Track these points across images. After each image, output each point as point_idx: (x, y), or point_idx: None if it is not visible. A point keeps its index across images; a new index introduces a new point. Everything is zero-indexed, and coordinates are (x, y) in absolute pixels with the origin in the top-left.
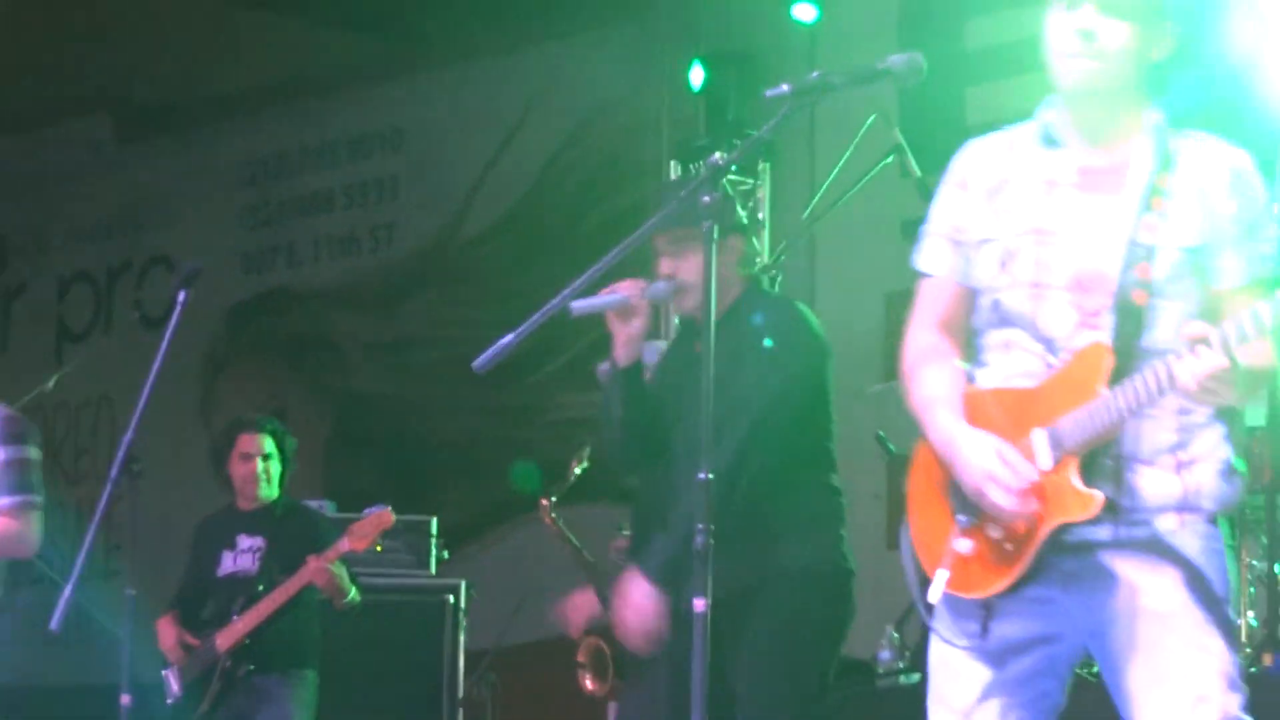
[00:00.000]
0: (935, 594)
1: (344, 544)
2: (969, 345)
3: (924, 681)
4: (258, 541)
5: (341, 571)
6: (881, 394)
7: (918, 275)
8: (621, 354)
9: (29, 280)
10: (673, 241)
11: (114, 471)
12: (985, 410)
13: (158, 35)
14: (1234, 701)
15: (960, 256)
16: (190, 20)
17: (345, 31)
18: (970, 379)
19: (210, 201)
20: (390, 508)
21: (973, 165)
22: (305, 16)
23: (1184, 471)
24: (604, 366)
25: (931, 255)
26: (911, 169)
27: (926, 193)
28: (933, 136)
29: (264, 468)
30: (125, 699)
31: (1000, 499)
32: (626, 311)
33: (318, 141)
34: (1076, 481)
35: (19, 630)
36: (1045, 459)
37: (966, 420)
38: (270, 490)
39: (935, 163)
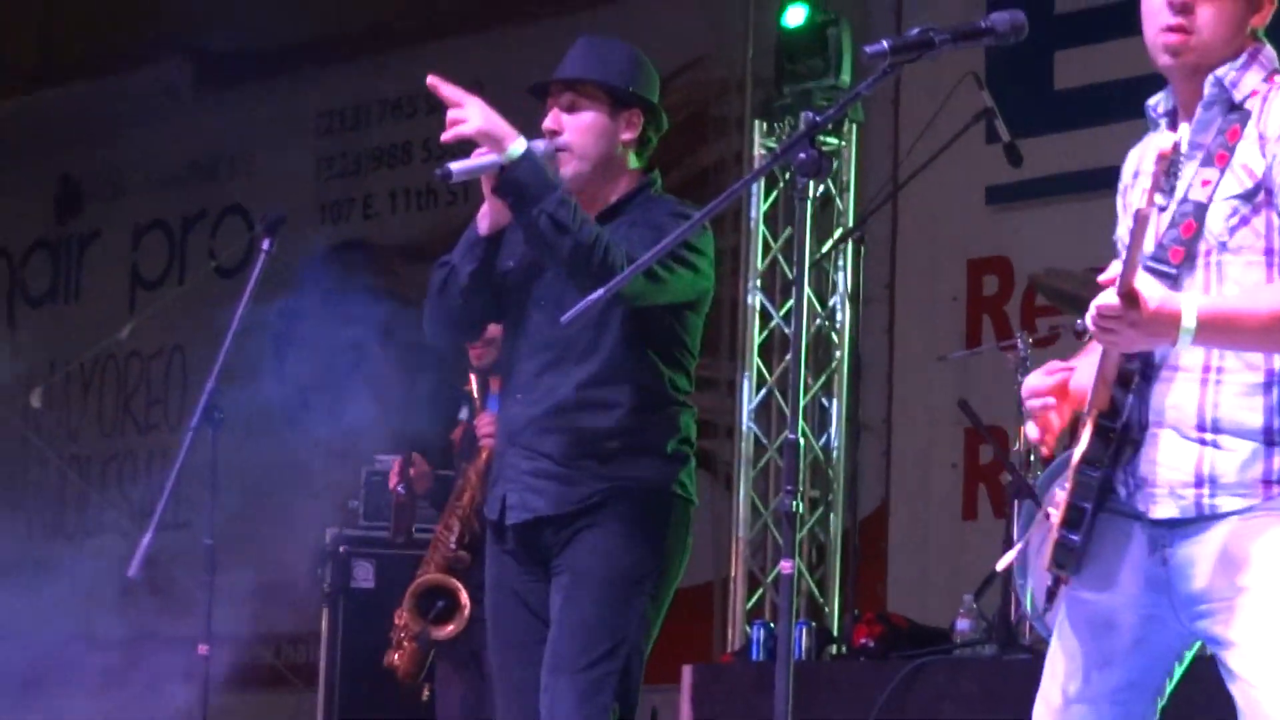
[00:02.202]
0: (1000, 564)
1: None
2: None
3: (1004, 652)
4: None
5: None
6: (963, 361)
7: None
8: (485, 220)
9: (103, 228)
10: (567, 88)
11: (194, 420)
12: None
13: None
14: None
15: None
16: None
17: None
18: None
19: (287, 152)
20: None
21: (1125, 166)
22: None
23: (1272, 443)
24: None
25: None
26: (1001, 133)
27: (1016, 157)
28: (1019, 100)
29: None
30: (203, 649)
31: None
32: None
33: (397, 94)
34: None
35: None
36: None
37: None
38: None
39: (1021, 127)
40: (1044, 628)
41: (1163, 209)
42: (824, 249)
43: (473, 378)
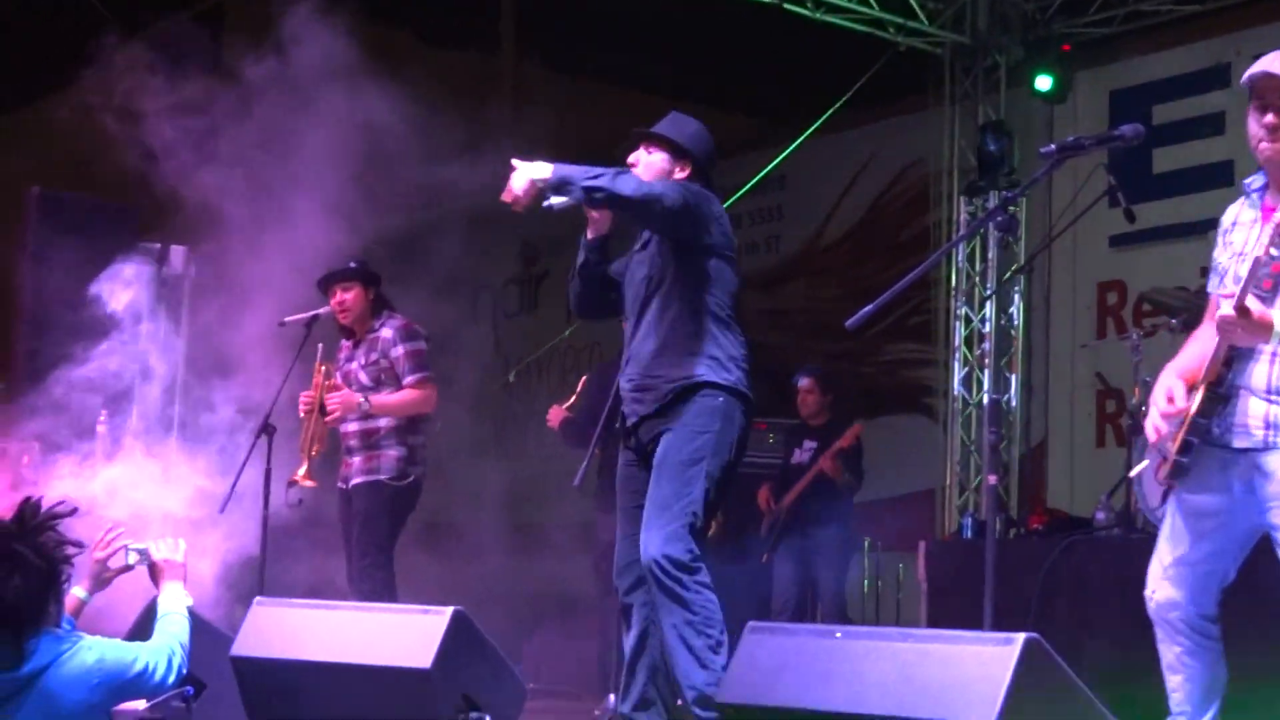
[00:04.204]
0: (1132, 472)
1: (838, 443)
2: None
3: (1127, 533)
4: (814, 444)
5: (840, 463)
6: (1093, 347)
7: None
8: (591, 230)
9: (550, 270)
10: (648, 139)
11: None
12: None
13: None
14: None
15: (1215, 277)
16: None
17: (743, 116)
18: None
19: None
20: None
21: (1224, 217)
22: (715, 105)
23: None
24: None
25: (1209, 280)
26: (1121, 201)
27: (1130, 216)
28: (1129, 180)
29: (800, 398)
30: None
31: (1152, 419)
32: None
33: (730, 186)
34: (1195, 404)
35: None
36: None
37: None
38: (820, 411)
39: (1132, 198)
40: (1154, 518)
41: (1260, 258)
42: (1006, 276)
43: None
